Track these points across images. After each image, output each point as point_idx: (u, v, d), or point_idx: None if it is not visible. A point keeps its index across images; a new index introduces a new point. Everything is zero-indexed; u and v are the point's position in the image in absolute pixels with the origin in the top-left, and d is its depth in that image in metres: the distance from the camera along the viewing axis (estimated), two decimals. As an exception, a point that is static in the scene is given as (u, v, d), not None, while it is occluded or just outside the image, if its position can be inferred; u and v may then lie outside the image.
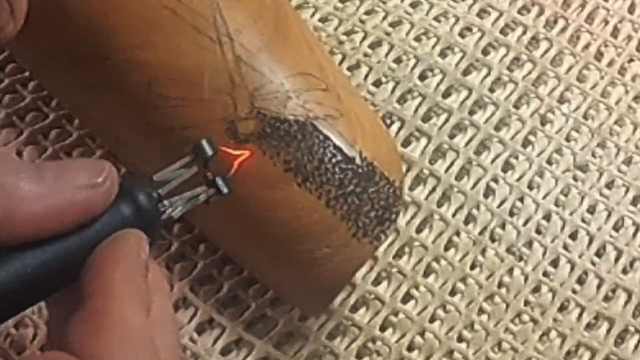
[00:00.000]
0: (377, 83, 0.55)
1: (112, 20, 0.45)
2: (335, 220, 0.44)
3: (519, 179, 0.54)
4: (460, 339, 0.50)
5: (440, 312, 0.50)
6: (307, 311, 0.49)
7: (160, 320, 0.34)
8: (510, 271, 0.51)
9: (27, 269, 0.32)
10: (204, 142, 0.37)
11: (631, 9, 0.60)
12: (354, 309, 0.50)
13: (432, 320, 0.50)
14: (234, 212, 0.45)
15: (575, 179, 0.54)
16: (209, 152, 0.37)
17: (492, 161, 0.54)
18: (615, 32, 0.59)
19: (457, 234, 0.52)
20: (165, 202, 0.36)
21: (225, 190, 0.37)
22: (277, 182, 0.44)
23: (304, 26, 0.49)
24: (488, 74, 0.56)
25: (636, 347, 0.50)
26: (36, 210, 0.32)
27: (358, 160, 0.45)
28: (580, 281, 0.52)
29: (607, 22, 0.59)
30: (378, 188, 0.45)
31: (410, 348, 0.49)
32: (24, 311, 0.34)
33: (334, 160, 0.44)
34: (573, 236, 0.53)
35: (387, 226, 0.45)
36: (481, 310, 0.51)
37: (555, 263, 0.52)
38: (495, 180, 0.53)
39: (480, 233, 0.52)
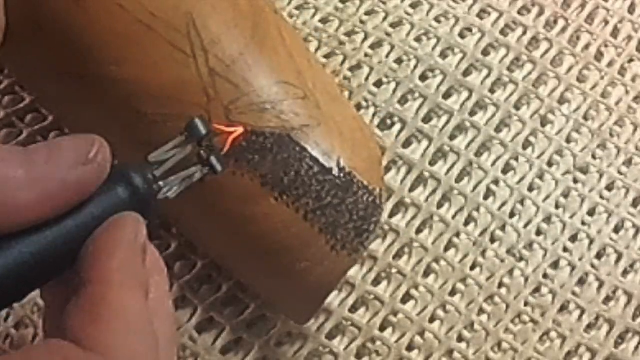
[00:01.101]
0: (379, 84, 0.54)
1: (87, 36, 0.44)
2: (314, 234, 0.43)
3: (519, 182, 0.52)
4: (460, 339, 0.49)
5: (440, 312, 0.49)
6: (294, 319, 0.48)
7: (158, 303, 0.33)
8: (510, 272, 0.50)
9: (23, 256, 0.31)
10: (197, 121, 0.35)
11: (631, 9, 0.59)
12: (354, 309, 0.49)
13: (431, 320, 0.49)
14: (215, 226, 0.44)
15: (575, 181, 0.53)
16: (203, 130, 0.35)
17: (493, 163, 0.53)
18: (615, 33, 0.58)
19: (457, 235, 0.51)
20: (161, 183, 0.34)
21: (219, 168, 0.36)
22: (255, 197, 0.43)
23: (285, 29, 0.47)
24: (488, 75, 0.55)
25: (636, 348, 0.50)
26: (28, 197, 0.30)
27: (335, 171, 0.43)
28: (581, 283, 0.51)
29: (607, 23, 0.58)
30: (356, 198, 0.44)
31: (409, 348, 0.48)
32: (23, 299, 0.32)
33: (310, 172, 0.43)
34: (573, 239, 0.52)
35: (366, 237, 0.44)
36: (481, 311, 0.50)
37: (555, 265, 0.51)
38: (496, 182, 0.52)
39: (481, 235, 0.51)
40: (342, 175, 0.44)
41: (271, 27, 0.46)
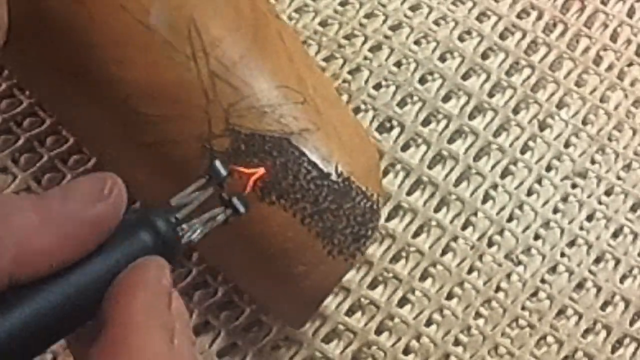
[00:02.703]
0: (378, 87, 0.52)
1: (88, 34, 0.42)
2: (310, 238, 0.41)
3: (518, 186, 0.50)
4: (456, 342, 0.47)
5: (436, 316, 0.47)
6: (289, 323, 0.46)
7: (183, 350, 0.31)
8: (508, 276, 0.48)
9: (48, 304, 0.29)
10: (217, 163, 0.34)
11: (630, 13, 0.56)
12: (350, 312, 0.47)
13: (428, 324, 0.47)
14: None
15: (574, 186, 0.51)
16: (223, 172, 0.34)
17: (491, 168, 0.50)
18: (614, 37, 0.56)
19: (455, 239, 0.48)
20: (184, 226, 0.32)
21: (242, 209, 0.34)
22: (252, 200, 0.40)
23: (286, 34, 0.46)
24: (487, 79, 0.52)
25: (634, 354, 0.48)
26: (46, 241, 0.28)
27: (334, 176, 0.42)
28: (579, 288, 0.48)
29: (606, 26, 0.56)
30: (354, 204, 0.42)
31: (406, 352, 0.46)
32: (46, 350, 0.30)
33: (308, 176, 0.41)
34: (571, 244, 0.49)
35: (363, 242, 0.42)
36: (478, 315, 0.47)
37: (553, 270, 0.49)
38: (494, 187, 0.50)
39: (478, 239, 0.49)
40: (340, 180, 0.42)
41: (272, 31, 0.45)
